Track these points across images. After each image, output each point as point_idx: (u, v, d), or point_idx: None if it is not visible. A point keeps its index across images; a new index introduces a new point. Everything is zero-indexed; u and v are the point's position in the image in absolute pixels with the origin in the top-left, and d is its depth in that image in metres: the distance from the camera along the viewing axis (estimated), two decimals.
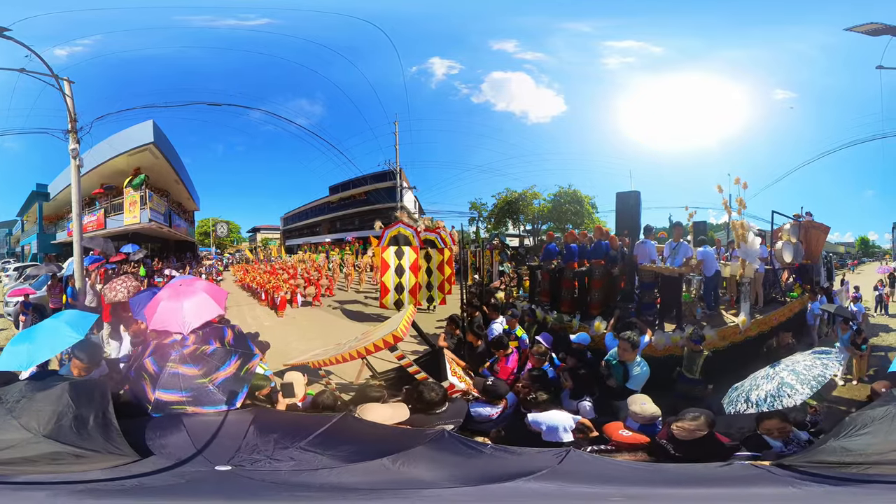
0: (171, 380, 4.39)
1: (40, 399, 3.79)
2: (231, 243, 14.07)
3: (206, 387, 4.39)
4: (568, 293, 8.44)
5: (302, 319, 10.56)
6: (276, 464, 3.51)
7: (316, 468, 3.46)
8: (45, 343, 4.55)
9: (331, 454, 3.61)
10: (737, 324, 7.71)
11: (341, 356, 6.21)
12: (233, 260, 14.01)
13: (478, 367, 6.52)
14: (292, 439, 3.76)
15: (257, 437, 3.80)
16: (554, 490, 3.21)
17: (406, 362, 5.85)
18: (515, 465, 3.57)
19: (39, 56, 9.24)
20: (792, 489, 3.08)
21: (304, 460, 3.55)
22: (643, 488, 3.43)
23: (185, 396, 4.32)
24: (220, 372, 4.51)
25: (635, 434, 4.35)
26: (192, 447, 3.67)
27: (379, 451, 3.60)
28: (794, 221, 9.24)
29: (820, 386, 4.23)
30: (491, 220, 12.31)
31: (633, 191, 8.18)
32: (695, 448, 3.89)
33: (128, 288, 7.89)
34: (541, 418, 4.62)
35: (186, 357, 4.58)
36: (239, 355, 4.74)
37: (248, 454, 3.59)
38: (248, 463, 3.49)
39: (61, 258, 11.39)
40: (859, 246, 12.11)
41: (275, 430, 3.90)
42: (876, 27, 8.32)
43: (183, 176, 12.05)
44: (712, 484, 3.40)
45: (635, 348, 5.67)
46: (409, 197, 11.93)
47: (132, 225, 11.16)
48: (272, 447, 3.66)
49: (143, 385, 4.45)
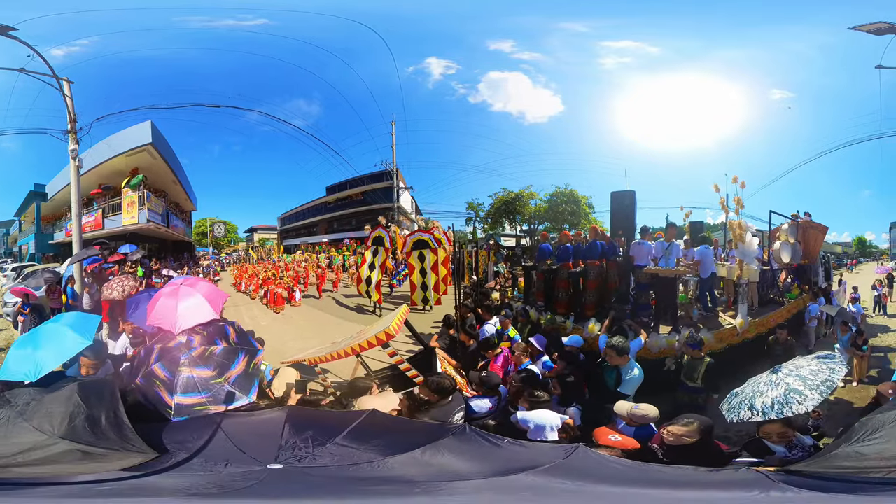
0: (188, 383, 4.53)
1: (50, 401, 3.77)
2: (228, 243, 14.11)
3: (224, 386, 4.58)
4: (562, 294, 8.38)
5: (299, 319, 10.59)
6: (321, 460, 3.54)
7: (358, 462, 3.51)
8: (52, 350, 4.58)
9: (367, 448, 3.67)
10: (734, 326, 7.66)
11: (336, 353, 6.26)
12: (230, 260, 14.03)
13: (470, 366, 6.52)
14: (328, 436, 3.80)
15: (294, 436, 3.82)
16: (568, 486, 3.27)
17: (398, 359, 5.96)
18: (528, 459, 3.67)
19: (42, 56, 9.31)
20: (795, 495, 3.01)
21: (344, 455, 3.60)
22: (644, 489, 3.41)
23: (204, 398, 4.47)
24: (232, 370, 4.71)
25: (625, 438, 4.29)
26: (230, 447, 3.66)
27: (410, 443, 3.70)
28: (791, 221, 9.20)
29: (830, 392, 4.04)
30: (488, 220, 12.35)
31: (628, 190, 8.10)
32: (685, 455, 3.80)
33: (123, 287, 7.88)
34: (529, 416, 4.64)
35: (196, 359, 4.74)
36: (245, 352, 4.94)
37: (291, 452, 3.60)
38: (295, 460, 3.51)
39: (59, 258, 11.44)
40: (856, 246, 12.07)
41: (309, 428, 3.93)
42: (881, 26, 8.28)
43: (180, 176, 12.13)
44: (716, 488, 3.37)
45: (621, 354, 5.50)
46: (405, 197, 11.97)
47: (130, 225, 11.22)
48: (311, 444, 3.69)
49: (158, 391, 4.54)
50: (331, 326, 9.75)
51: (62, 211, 11.84)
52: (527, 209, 12.11)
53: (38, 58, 9.31)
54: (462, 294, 9.53)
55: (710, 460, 3.77)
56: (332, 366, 6.83)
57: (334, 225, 13.82)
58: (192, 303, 5.39)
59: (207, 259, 13.32)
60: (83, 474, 3.19)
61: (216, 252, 13.77)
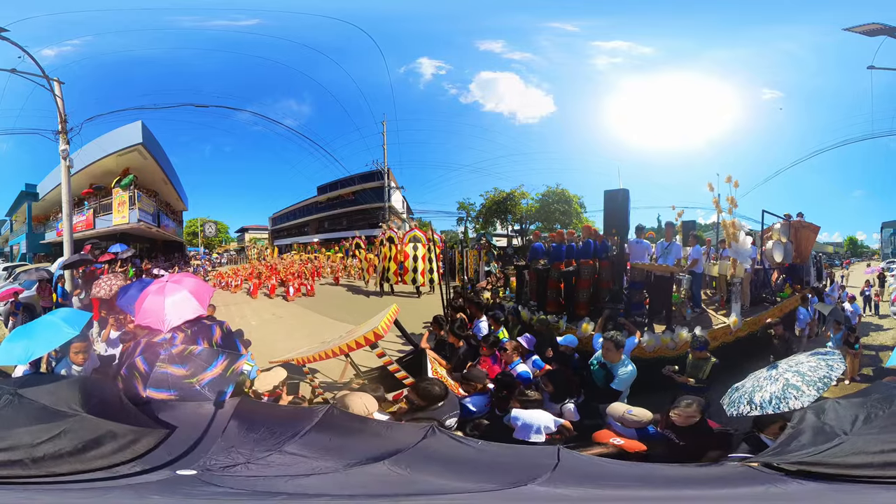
0: (161, 379, 4.54)
1: (61, 386, 3.75)
2: (219, 243, 14.08)
3: (194, 387, 4.51)
4: (554, 293, 8.34)
5: (289, 318, 10.57)
6: (255, 468, 3.23)
7: (307, 474, 3.19)
8: (43, 338, 4.67)
9: (320, 457, 3.36)
10: (728, 324, 7.65)
11: (324, 353, 6.20)
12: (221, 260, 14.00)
13: (460, 368, 6.44)
14: (276, 439, 3.55)
15: (236, 436, 3.61)
16: (547, 492, 3.09)
17: (386, 360, 5.87)
18: (506, 464, 3.54)
19: (33, 57, 9.30)
20: (783, 488, 2.99)
21: (288, 464, 3.29)
22: (633, 490, 3.37)
23: (173, 395, 4.45)
24: (207, 373, 4.62)
25: (630, 441, 4.23)
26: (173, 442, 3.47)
27: (371, 451, 3.41)
28: (784, 221, 9.20)
29: (826, 388, 4.06)
30: (479, 219, 12.33)
31: (621, 189, 8.11)
32: (693, 434, 4.06)
33: (111, 286, 7.87)
34: (521, 415, 4.54)
35: (175, 357, 4.72)
36: (226, 356, 4.85)
37: (224, 456, 3.32)
38: (218, 467, 3.21)
39: (50, 258, 11.39)
40: (848, 246, 12.08)
41: (256, 429, 3.74)
42: (874, 27, 8.30)
43: (171, 176, 12.12)
44: (705, 485, 3.35)
45: (619, 348, 5.47)
46: (397, 197, 11.96)
47: (121, 225, 11.20)
48: (252, 448, 3.42)
49: (136, 384, 4.61)
50: (321, 326, 9.71)
51: (53, 211, 11.82)
52: (518, 209, 12.11)
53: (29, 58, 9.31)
54: (452, 294, 9.51)
55: (713, 437, 4.05)
56: (322, 365, 6.81)
57: (325, 225, 13.80)
58: (178, 298, 5.38)
59: (198, 259, 13.29)
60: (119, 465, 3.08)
61: (207, 252, 13.74)
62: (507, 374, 5.49)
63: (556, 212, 11.57)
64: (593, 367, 5.67)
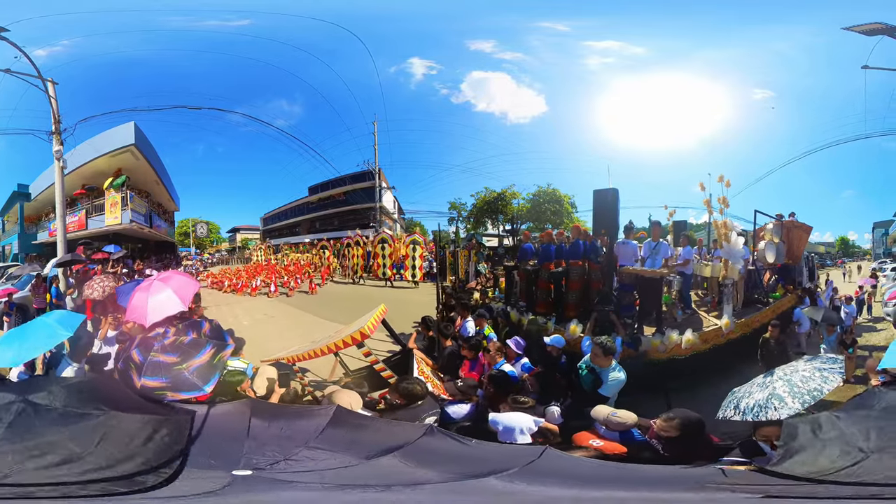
0: (154, 367, 4.77)
1: (70, 389, 3.64)
2: (211, 243, 14.11)
3: (183, 373, 4.74)
4: (543, 294, 8.30)
5: (281, 318, 10.59)
6: (295, 464, 3.28)
7: (335, 467, 3.28)
8: (36, 340, 4.76)
9: (341, 451, 3.49)
10: (719, 326, 7.59)
11: (313, 352, 6.28)
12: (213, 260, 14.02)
13: (448, 367, 6.42)
14: (299, 436, 3.65)
15: (263, 436, 3.65)
16: (531, 489, 3.13)
17: (373, 359, 5.95)
18: (496, 460, 3.58)
19: (29, 57, 9.31)
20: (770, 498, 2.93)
21: (319, 459, 3.37)
22: (621, 491, 3.34)
23: (165, 382, 4.66)
24: (195, 360, 4.89)
25: (609, 443, 4.19)
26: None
27: (383, 445, 3.56)
28: (776, 221, 9.17)
29: (814, 401, 3.92)
30: (470, 219, 12.32)
31: (610, 188, 8.06)
32: (679, 448, 3.83)
33: (104, 287, 7.88)
34: (500, 418, 4.51)
35: (167, 347, 5.02)
36: (213, 345, 5.16)
37: (260, 454, 3.34)
38: (264, 465, 3.23)
39: (43, 258, 11.40)
40: (839, 246, 12.06)
41: (277, 427, 3.83)
42: (873, 27, 8.26)
43: (163, 177, 12.15)
44: (685, 487, 3.28)
45: (608, 354, 5.27)
46: (388, 197, 11.96)
47: (113, 225, 11.21)
48: (282, 446, 3.47)
49: (130, 374, 4.76)
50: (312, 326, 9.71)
51: (45, 211, 11.87)
52: (509, 209, 12.08)
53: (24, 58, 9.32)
54: (443, 294, 9.50)
55: (702, 454, 3.77)
56: (312, 365, 6.83)
57: (317, 225, 13.81)
58: (161, 297, 5.94)
59: (190, 259, 13.30)
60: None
61: (199, 252, 13.76)
62: (502, 373, 5.41)
63: (548, 212, 11.55)
64: (582, 372, 5.52)
